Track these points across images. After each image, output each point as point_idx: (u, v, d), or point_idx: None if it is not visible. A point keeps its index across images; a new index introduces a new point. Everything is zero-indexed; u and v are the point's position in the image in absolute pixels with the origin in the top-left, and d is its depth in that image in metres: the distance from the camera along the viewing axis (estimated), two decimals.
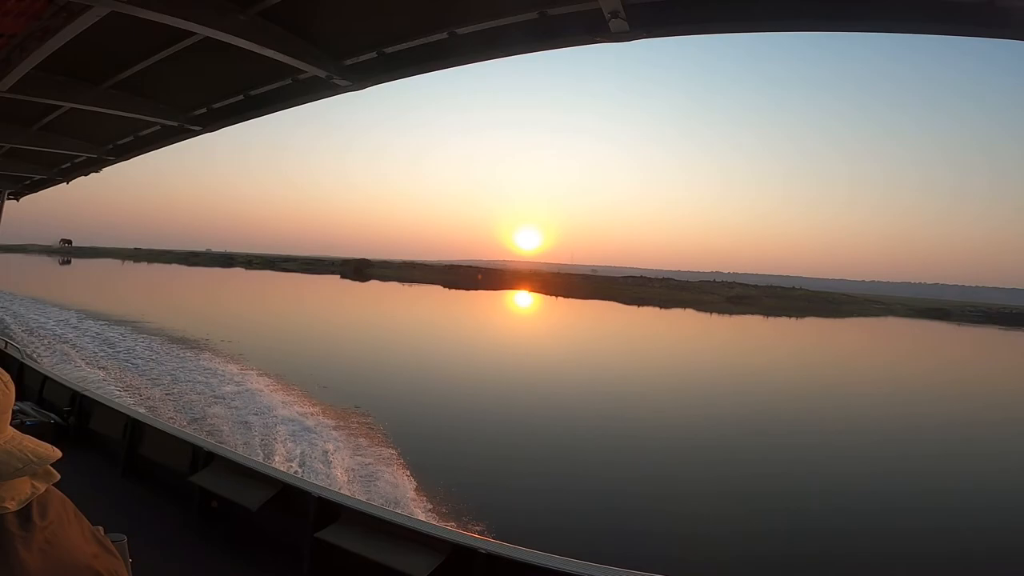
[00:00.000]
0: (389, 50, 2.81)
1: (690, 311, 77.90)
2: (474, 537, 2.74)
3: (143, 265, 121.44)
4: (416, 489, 8.62)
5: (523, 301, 79.89)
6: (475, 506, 7.92)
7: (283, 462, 9.19)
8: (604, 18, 1.95)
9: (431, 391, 16.78)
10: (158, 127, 4.93)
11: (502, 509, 8.12)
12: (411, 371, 19.81)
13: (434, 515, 7.68)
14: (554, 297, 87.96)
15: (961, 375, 33.52)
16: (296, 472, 8.25)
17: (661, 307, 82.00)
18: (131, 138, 5.51)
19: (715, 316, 72.16)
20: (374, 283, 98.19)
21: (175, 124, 4.61)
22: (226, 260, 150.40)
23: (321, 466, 9.27)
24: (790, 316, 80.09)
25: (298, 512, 3.38)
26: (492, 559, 2.46)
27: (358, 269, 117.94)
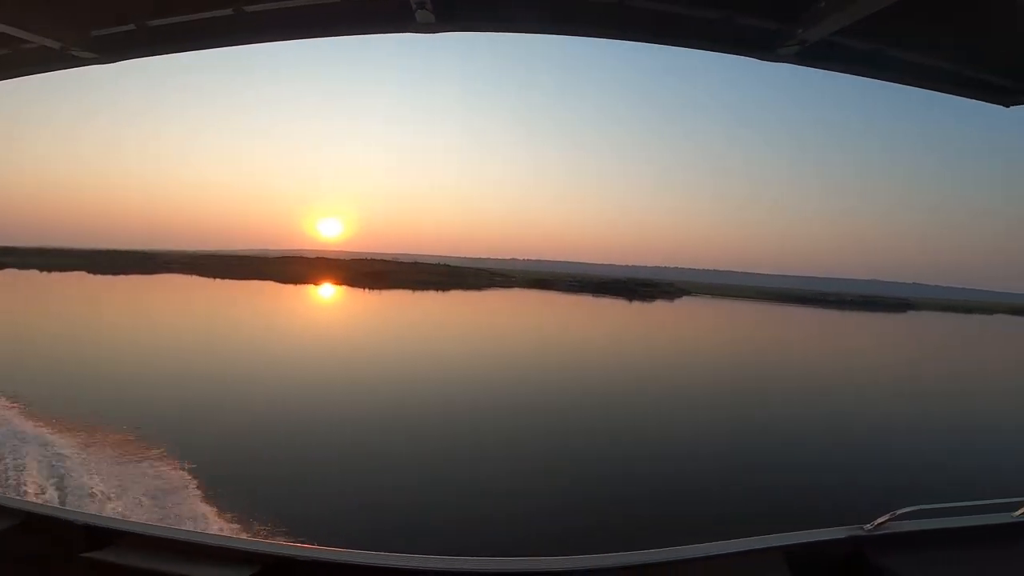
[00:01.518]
0: (154, 23, 2.47)
1: (343, 286, 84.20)
2: (291, 546, 2.50)
3: None
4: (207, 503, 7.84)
5: (162, 284, 76.89)
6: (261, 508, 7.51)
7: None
8: (411, 8, 1.97)
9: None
10: None
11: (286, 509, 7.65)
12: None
13: (239, 530, 6.97)
14: (211, 279, 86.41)
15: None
16: (47, 500, 6.95)
17: (314, 284, 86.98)
18: None
19: (359, 291, 79.36)
20: None
21: None
22: None
23: (78, 488, 7.91)
24: (436, 289, 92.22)
25: (55, 544, 2.76)
26: (313, 565, 2.33)
27: None
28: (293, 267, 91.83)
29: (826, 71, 2.27)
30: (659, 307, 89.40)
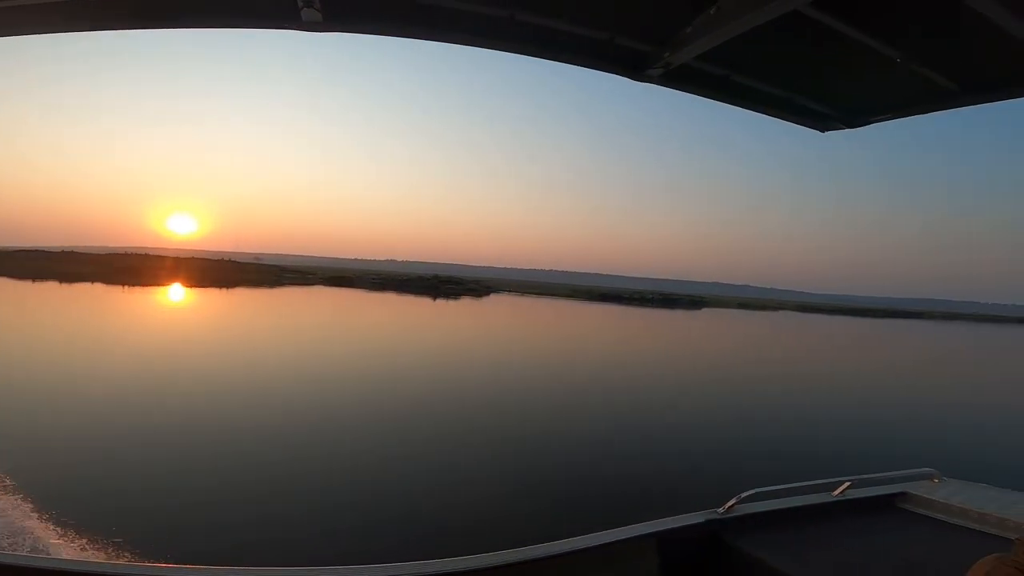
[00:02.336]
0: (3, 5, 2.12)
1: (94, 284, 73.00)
2: (131, 564, 2.41)
3: None
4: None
5: None
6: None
7: None
8: (297, 5, 1.83)
9: None
10: None
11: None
12: None
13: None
14: None
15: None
16: None
17: (59, 280, 74.82)
18: None
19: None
20: None
21: None
22: None
23: None
24: (219, 287, 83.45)
25: None
26: None
27: None
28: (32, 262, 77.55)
29: (683, 92, 2.43)
30: (466, 303, 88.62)
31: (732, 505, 2.60)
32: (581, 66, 2.27)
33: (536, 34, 2.08)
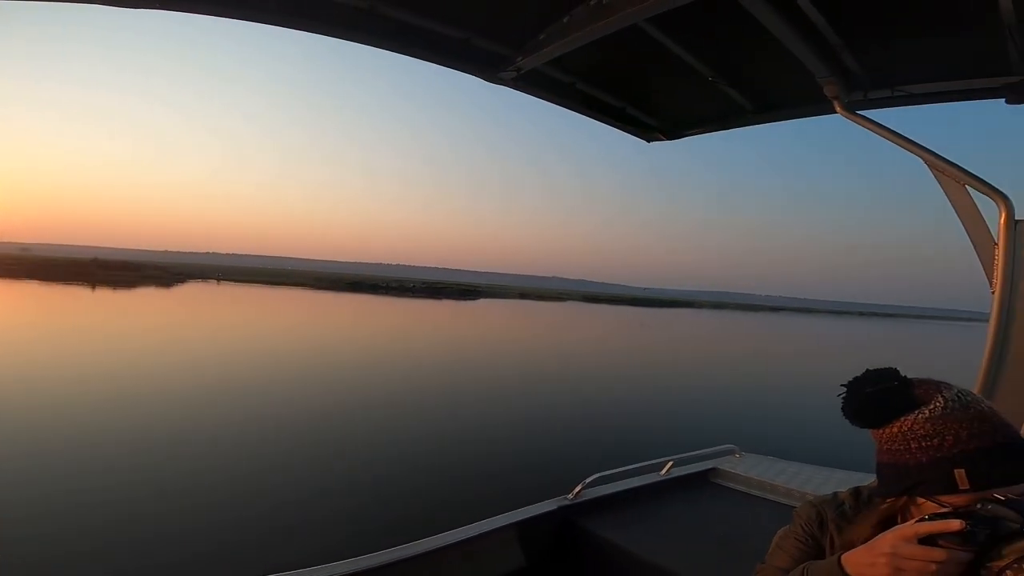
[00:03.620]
0: None
1: None
2: None
3: None
4: None
5: None
6: None
7: None
8: None
9: None
10: None
11: None
12: None
13: None
14: None
15: None
16: None
17: None
18: None
19: None
20: None
21: None
22: None
23: None
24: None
25: None
26: None
27: None
28: None
29: (528, 95, 2.57)
30: (148, 294, 67.24)
31: (579, 491, 2.79)
32: (437, 64, 2.24)
33: (395, 29, 2.06)
